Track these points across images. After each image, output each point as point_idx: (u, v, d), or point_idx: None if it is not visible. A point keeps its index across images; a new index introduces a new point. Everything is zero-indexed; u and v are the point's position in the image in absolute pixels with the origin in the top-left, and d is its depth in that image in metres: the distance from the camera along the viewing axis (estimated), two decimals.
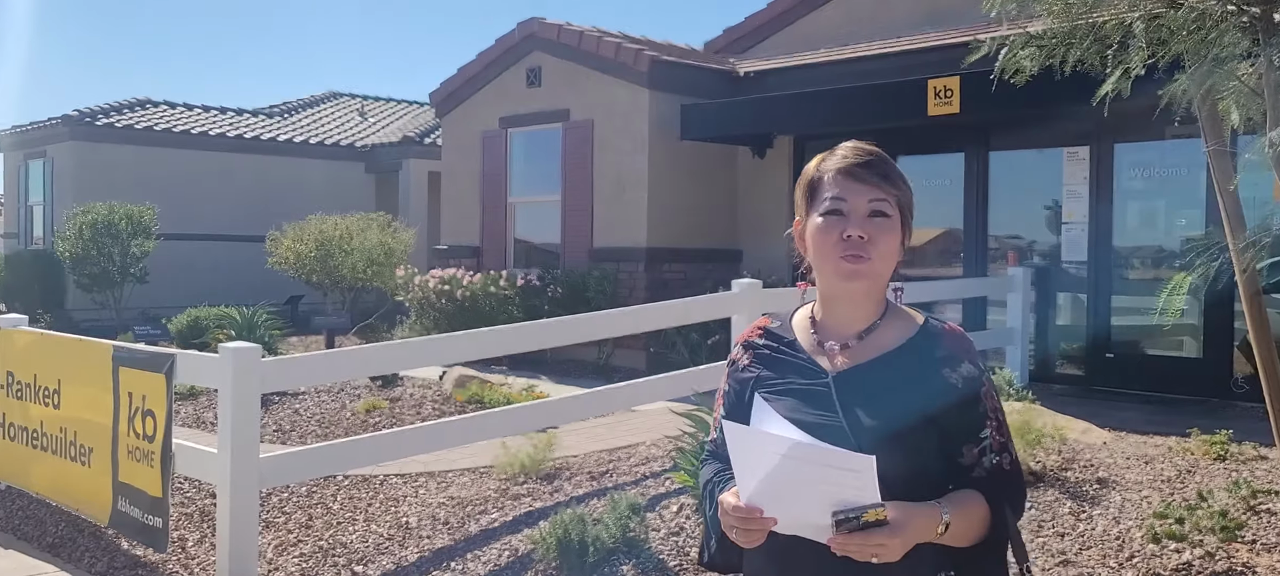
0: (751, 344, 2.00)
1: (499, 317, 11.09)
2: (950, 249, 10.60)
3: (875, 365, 1.86)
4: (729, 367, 2.04)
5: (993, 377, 1.92)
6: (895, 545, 1.65)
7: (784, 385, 1.89)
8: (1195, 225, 8.79)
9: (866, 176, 1.86)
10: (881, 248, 1.84)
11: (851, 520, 1.63)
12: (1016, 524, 1.88)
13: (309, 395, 8.91)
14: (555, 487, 5.84)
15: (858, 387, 1.84)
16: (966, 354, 1.88)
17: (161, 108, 19.68)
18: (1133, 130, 8.86)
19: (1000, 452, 1.86)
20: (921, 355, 1.86)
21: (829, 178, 1.88)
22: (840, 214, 1.85)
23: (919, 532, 1.70)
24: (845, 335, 1.90)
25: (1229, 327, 8.51)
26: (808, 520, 1.68)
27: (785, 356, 1.93)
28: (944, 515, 1.73)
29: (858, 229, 1.83)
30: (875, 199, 1.85)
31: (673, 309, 7.06)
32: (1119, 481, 5.25)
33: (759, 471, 1.68)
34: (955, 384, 1.84)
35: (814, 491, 1.65)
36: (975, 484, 1.83)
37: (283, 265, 15.05)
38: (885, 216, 1.85)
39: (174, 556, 5.42)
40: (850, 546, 1.64)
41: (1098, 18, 4.11)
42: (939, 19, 10.60)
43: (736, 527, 1.73)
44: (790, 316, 2.01)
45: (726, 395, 2.01)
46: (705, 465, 2.04)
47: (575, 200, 11.93)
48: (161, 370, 5.01)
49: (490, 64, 12.95)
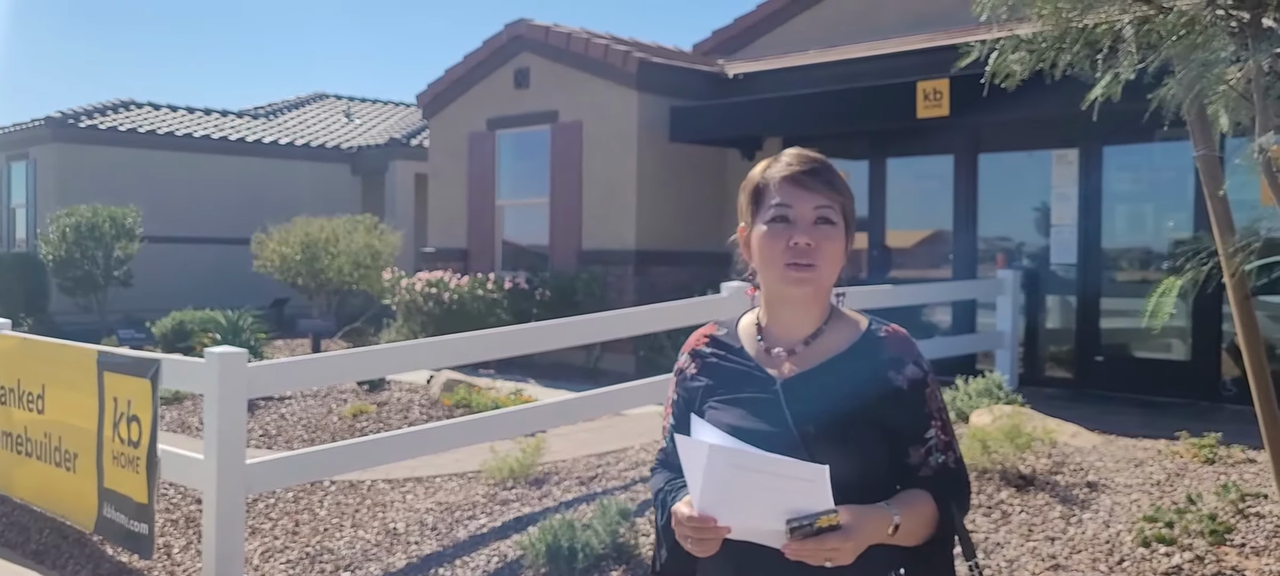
0: (698, 353, 2.01)
1: (487, 321, 11.05)
2: (939, 251, 10.61)
3: (822, 370, 1.88)
4: (676, 376, 2.04)
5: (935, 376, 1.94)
6: (848, 548, 1.68)
7: (733, 393, 1.91)
8: (1183, 228, 8.82)
9: (812, 184, 1.87)
10: (827, 254, 1.87)
11: (805, 526, 1.65)
12: (963, 520, 1.91)
13: (295, 399, 8.85)
14: (544, 492, 5.81)
15: (806, 393, 1.86)
16: (910, 356, 1.90)
17: (145, 109, 19.57)
18: (1121, 133, 8.88)
19: (945, 451, 1.89)
20: (867, 359, 1.89)
21: (774, 185, 1.89)
22: (787, 221, 1.86)
23: (871, 535, 1.73)
24: (791, 341, 1.92)
25: (1218, 331, 8.54)
26: (761, 527, 1.70)
27: (733, 364, 1.95)
28: (894, 516, 1.76)
29: (805, 236, 1.85)
30: (821, 206, 1.87)
31: (661, 312, 7.03)
32: (1109, 485, 5.25)
33: (712, 482, 1.69)
34: (901, 386, 1.87)
35: (767, 500, 1.67)
36: (922, 483, 1.86)
37: (268, 268, 14.98)
38: (831, 223, 1.87)
39: (159, 562, 5.37)
40: (804, 551, 1.67)
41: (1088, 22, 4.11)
42: (928, 21, 10.61)
43: (691, 537, 1.74)
44: (736, 322, 2.02)
45: (675, 404, 2.02)
46: (655, 474, 2.05)
47: (563, 202, 11.90)
48: (146, 375, 4.96)
49: (478, 65, 12.91)
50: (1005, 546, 4.59)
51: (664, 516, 1.92)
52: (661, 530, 1.95)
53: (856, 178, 11.00)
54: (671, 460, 1.99)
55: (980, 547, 4.58)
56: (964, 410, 6.84)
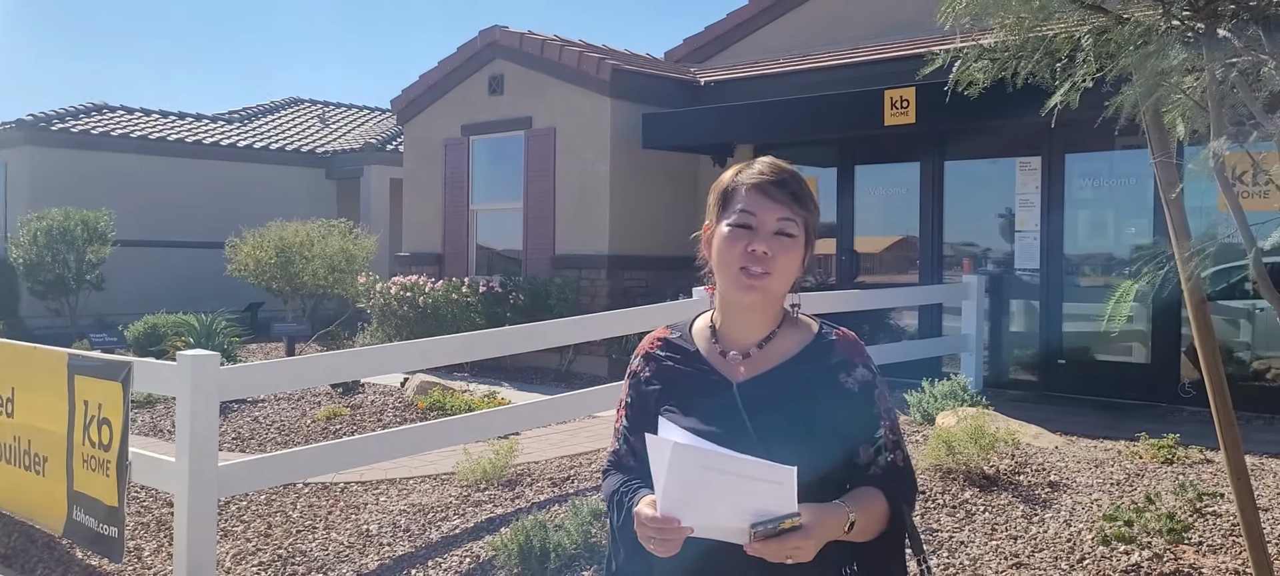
0: (652, 355, 2.04)
1: (461, 325, 11.08)
2: (907, 257, 10.74)
3: (776, 373, 1.93)
4: (629, 379, 2.07)
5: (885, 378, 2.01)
6: (809, 547, 1.73)
7: (689, 396, 1.95)
8: (1144, 234, 8.98)
9: (778, 195, 1.90)
10: (782, 265, 1.90)
11: (769, 528, 1.69)
12: (911, 516, 1.97)
13: (269, 403, 8.85)
14: (517, 493, 5.86)
15: (762, 396, 1.91)
16: (860, 359, 1.97)
17: (118, 112, 19.44)
18: (1083, 141, 9.03)
19: (893, 450, 1.95)
20: (818, 362, 1.94)
21: (743, 190, 1.92)
22: (748, 227, 1.90)
23: (829, 532, 1.78)
24: (745, 344, 1.96)
25: (1177, 334, 8.69)
26: (724, 526, 1.74)
27: (688, 367, 1.99)
28: (850, 514, 1.82)
29: (763, 244, 1.88)
30: (783, 218, 1.90)
31: (634, 316, 7.10)
32: (1070, 485, 5.35)
33: (678, 481, 1.72)
34: (851, 388, 1.93)
35: (732, 500, 1.70)
36: (872, 481, 1.91)
37: (242, 272, 14.92)
38: (790, 237, 1.91)
39: (130, 566, 5.37)
40: (766, 549, 1.71)
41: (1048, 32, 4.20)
42: (896, 30, 10.74)
43: (654, 538, 1.76)
44: (690, 325, 2.06)
45: (628, 407, 2.05)
46: (608, 476, 2.07)
47: (537, 208, 11.94)
48: (118, 378, 4.97)
49: (452, 71, 12.94)
50: (969, 545, 4.68)
51: (620, 516, 1.95)
52: (618, 530, 1.97)
53: (825, 184, 11.12)
54: (624, 462, 2.03)
55: (945, 546, 4.67)
56: (930, 412, 6.94)
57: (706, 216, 2.01)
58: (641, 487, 1.90)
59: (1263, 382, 8.40)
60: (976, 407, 6.66)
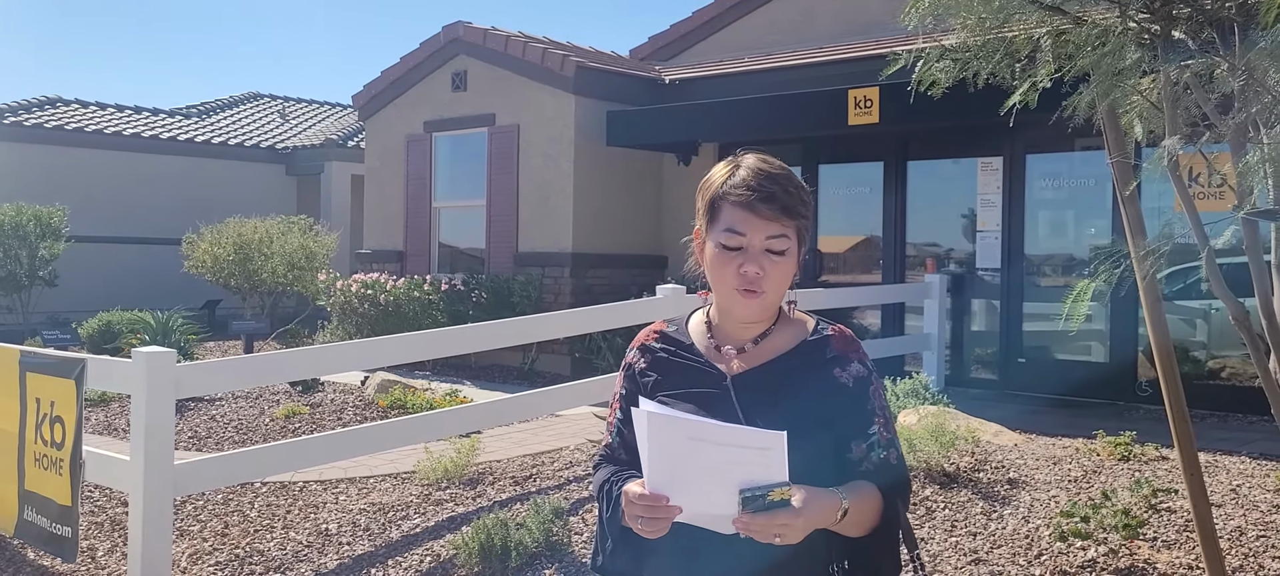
0: (648, 348, 2.04)
1: (423, 322, 11.01)
2: (870, 256, 10.81)
3: (770, 367, 1.93)
4: (624, 371, 2.07)
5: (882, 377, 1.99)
6: (799, 525, 1.69)
7: (683, 388, 1.94)
8: (1103, 234, 9.10)
9: (766, 211, 1.86)
10: (775, 279, 1.89)
11: (758, 498, 1.66)
12: (905, 514, 1.95)
13: (226, 401, 8.75)
14: (478, 492, 5.83)
15: (755, 389, 1.90)
16: (855, 354, 1.96)
17: (73, 106, 19.12)
18: (1043, 142, 9.14)
19: (887, 447, 1.93)
20: (813, 357, 1.93)
21: (729, 206, 1.88)
22: (739, 248, 1.87)
23: (820, 516, 1.75)
24: (741, 339, 1.96)
25: (1134, 334, 8.82)
26: (713, 506, 1.71)
27: (683, 359, 1.98)
28: (844, 501, 1.79)
29: (754, 266, 1.86)
30: (773, 236, 1.87)
31: (597, 314, 7.08)
32: (1029, 481, 5.41)
33: (667, 455, 1.71)
34: (846, 383, 1.92)
35: (722, 474, 1.68)
36: (864, 477, 1.89)
37: (200, 269, 14.74)
38: (782, 254, 1.88)
39: (83, 566, 5.28)
40: (754, 526, 1.67)
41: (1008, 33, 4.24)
42: (860, 30, 10.81)
43: (642, 517, 1.75)
44: (686, 320, 2.06)
45: (623, 399, 2.04)
46: (599, 469, 2.07)
47: (500, 205, 11.89)
48: (71, 376, 4.88)
49: (414, 67, 12.85)
50: (929, 542, 4.72)
51: (609, 507, 1.94)
52: (607, 522, 1.96)
53: None
54: (616, 455, 2.02)
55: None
56: (892, 410, 6.99)
57: (696, 219, 1.99)
58: (632, 475, 1.90)
59: (1217, 381, 8.54)
60: (938, 406, 6.72)
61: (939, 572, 4.43)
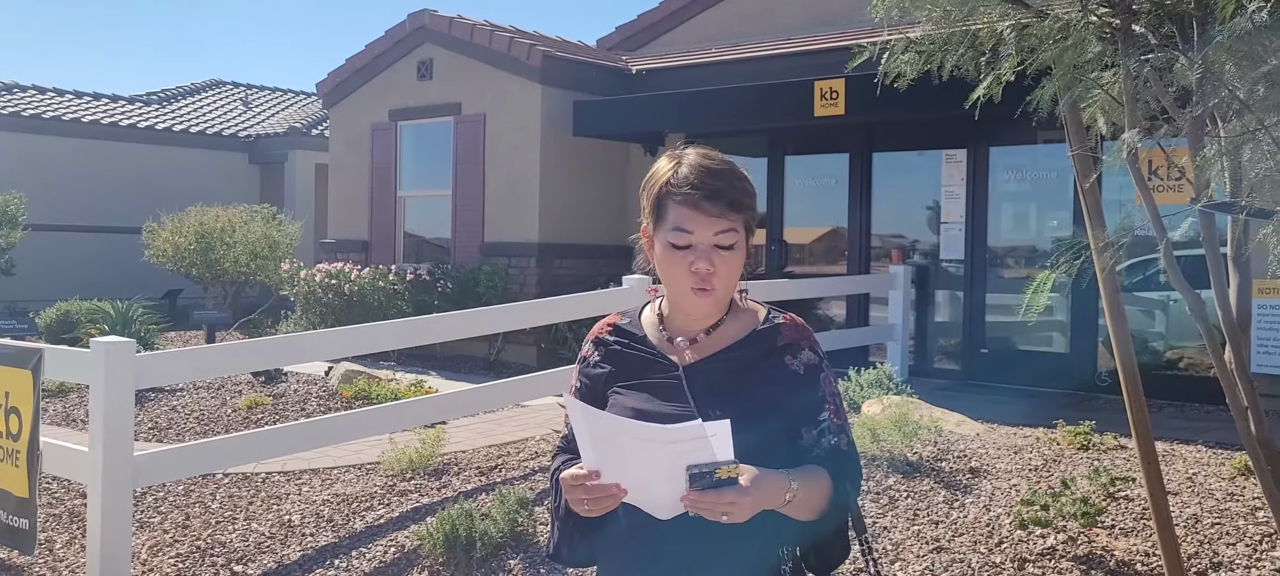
0: (602, 341, 2.06)
1: (388, 312, 10.95)
2: (835, 247, 10.86)
3: (722, 357, 1.95)
4: (580, 364, 2.08)
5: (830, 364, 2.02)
6: (746, 503, 1.70)
7: (637, 378, 1.97)
8: (1064, 226, 9.20)
9: (711, 208, 1.87)
10: (726, 275, 1.91)
11: (706, 475, 1.67)
12: (855, 499, 1.98)
13: (187, 391, 8.65)
14: (443, 483, 5.81)
15: (707, 378, 1.92)
16: (807, 342, 1.98)
17: (30, 92, 18.79)
18: (1007, 135, 9.22)
19: (838, 433, 1.95)
20: (765, 345, 1.96)
21: (675, 205, 1.89)
22: (688, 247, 1.88)
23: (768, 496, 1.76)
24: (693, 330, 1.98)
25: (1094, 325, 8.93)
26: (658, 490, 1.73)
27: (636, 351, 2.00)
28: (792, 483, 1.81)
29: (704, 262, 1.87)
30: (721, 232, 1.88)
31: (564, 304, 7.07)
32: (990, 470, 5.47)
33: (603, 450, 1.72)
34: (797, 371, 1.95)
35: (665, 464, 1.69)
36: (816, 463, 1.91)
37: (161, 258, 14.56)
38: (730, 248, 1.89)
39: (41, 559, 5.22)
40: (702, 503, 1.68)
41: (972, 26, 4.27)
42: (827, 22, 10.84)
43: (585, 500, 1.77)
44: (639, 312, 2.08)
45: (578, 391, 2.06)
46: (555, 459, 2.09)
47: (466, 195, 11.83)
48: (28, 366, 4.81)
49: (380, 55, 12.75)
50: (892, 530, 4.76)
51: (559, 497, 1.95)
52: (558, 510, 1.98)
53: (756, 174, 11.18)
54: (572, 446, 2.03)
55: (868, 531, 4.74)
56: (856, 400, 7.04)
57: (642, 217, 1.99)
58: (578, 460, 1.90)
59: (1174, 371, 8.67)
60: (901, 396, 6.77)
61: (901, 560, 4.47)
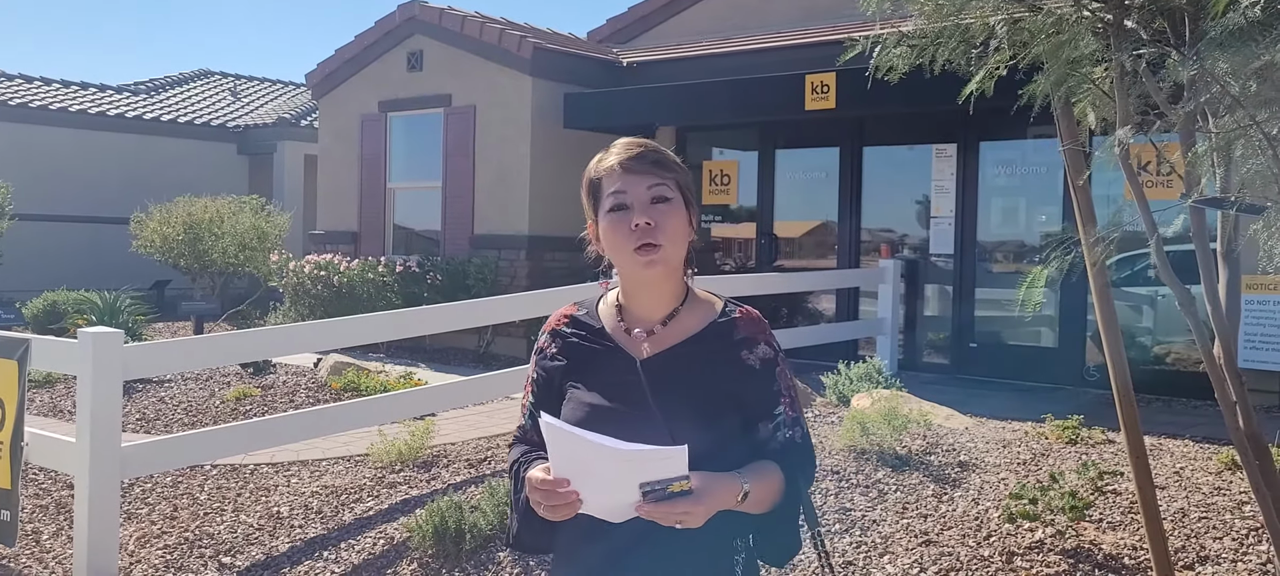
0: (558, 332, 2.06)
1: (377, 304, 10.92)
2: (826, 241, 10.87)
3: (679, 349, 1.96)
4: (537, 356, 2.09)
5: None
6: (699, 512, 1.74)
7: (593, 372, 1.97)
8: (1054, 221, 9.22)
9: (640, 167, 1.93)
10: (670, 231, 1.92)
11: (658, 490, 1.72)
12: (808, 492, 2.02)
13: (175, 383, 8.62)
14: (433, 475, 5.79)
15: (664, 371, 1.93)
16: (763, 336, 2.00)
17: (16, 81, 18.67)
18: (997, 129, 9.24)
19: (793, 427, 1.98)
20: (721, 338, 1.97)
21: (607, 177, 1.95)
22: (625, 207, 1.91)
23: (721, 500, 1.79)
24: (649, 321, 1.99)
25: (1083, 320, 8.96)
26: (612, 501, 1.77)
27: (593, 344, 2.01)
28: (744, 484, 1.84)
29: (643, 216, 1.90)
30: (654, 185, 1.92)
31: (553, 296, 7.05)
32: (979, 464, 5.48)
33: (570, 458, 1.76)
34: (753, 365, 1.96)
35: (624, 478, 1.73)
36: (771, 456, 1.94)
37: (148, 249, 14.48)
38: (667, 200, 1.92)
39: (26, 549, 5.19)
40: (656, 512, 1.73)
41: (965, 20, 4.27)
42: (818, 15, 10.84)
43: (543, 504, 1.79)
44: (596, 304, 2.08)
45: (535, 383, 2.07)
46: (513, 448, 2.10)
47: (456, 187, 11.80)
48: (14, 356, 4.78)
49: (369, 46, 12.70)
50: (881, 523, 4.77)
51: (518, 487, 1.98)
52: (516, 500, 2.00)
53: (746, 168, 11.19)
54: (530, 437, 2.04)
55: (857, 525, 4.74)
56: (845, 394, 7.04)
57: (586, 216, 2.02)
58: (540, 457, 1.93)
59: (1162, 366, 8.71)
60: (891, 390, 6.77)
61: (890, 553, 4.48)
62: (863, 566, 4.40)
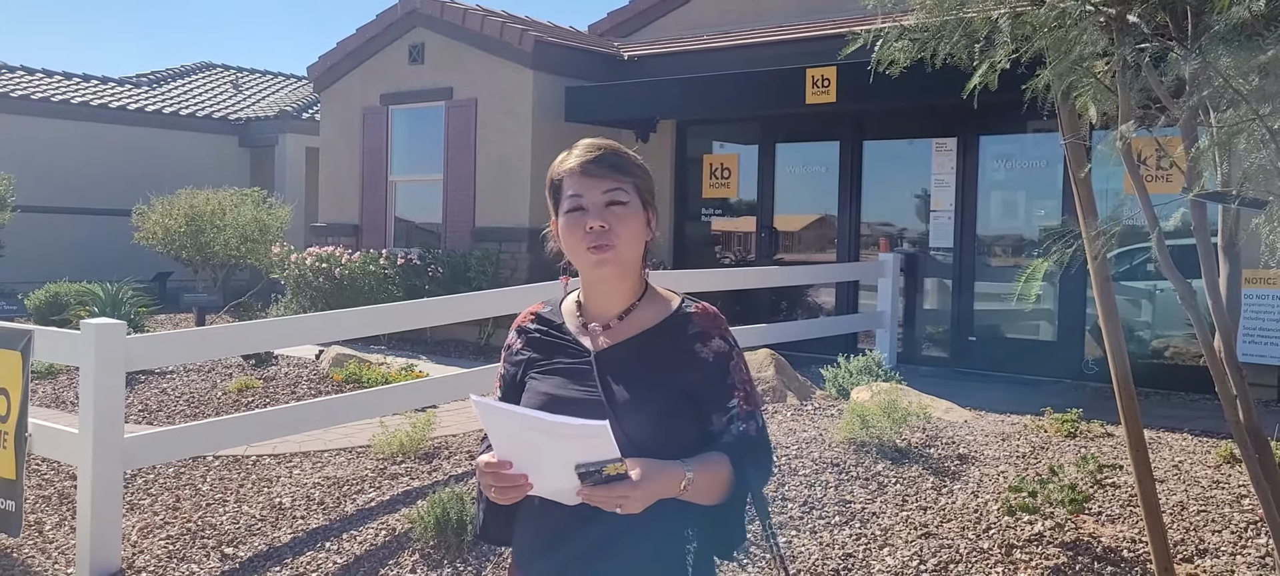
0: (524, 329, 2.15)
1: (378, 297, 10.93)
2: (825, 235, 10.88)
3: (633, 343, 2.02)
4: (505, 352, 2.17)
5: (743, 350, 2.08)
6: (637, 496, 1.79)
7: (552, 365, 2.05)
8: (1053, 215, 9.23)
9: (599, 171, 1.98)
10: (624, 233, 1.98)
11: (594, 473, 1.77)
12: (761, 485, 2.06)
13: (178, 374, 8.63)
14: (434, 466, 5.81)
15: (617, 364, 2.00)
16: (717, 330, 2.05)
17: (18, 73, 18.67)
18: (997, 123, 9.24)
19: (747, 420, 2.02)
20: (676, 332, 2.03)
21: (566, 178, 2.01)
22: (581, 209, 1.98)
23: (661, 487, 1.84)
24: (607, 316, 2.05)
25: (1082, 313, 8.97)
26: (557, 484, 1.83)
27: (554, 338, 2.09)
28: (687, 472, 1.88)
29: (597, 219, 1.96)
30: (609, 189, 1.98)
31: (553, 289, 7.06)
32: (978, 457, 5.49)
33: (508, 439, 1.84)
34: (706, 358, 2.01)
35: (559, 458, 1.79)
36: (723, 448, 1.99)
37: (150, 241, 14.50)
38: (622, 204, 1.98)
39: (30, 540, 5.21)
40: (595, 497, 1.78)
41: (967, 13, 4.27)
42: (819, 9, 10.84)
43: (494, 486, 1.86)
44: (560, 302, 2.16)
45: (502, 378, 2.15)
46: (483, 443, 2.15)
47: (458, 180, 11.81)
48: (17, 347, 4.80)
49: (371, 39, 12.70)
50: (881, 515, 4.78)
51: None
52: (480, 493, 2.07)
53: (747, 161, 11.20)
54: None
55: (857, 517, 4.76)
56: (845, 387, 7.06)
57: (550, 213, 2.09)
58: None
59: (1161, 360, 8.72)
60: (890, 383, 6.78)
61: (890, 546, 4.50)
62: (862, 558, 4.41)
